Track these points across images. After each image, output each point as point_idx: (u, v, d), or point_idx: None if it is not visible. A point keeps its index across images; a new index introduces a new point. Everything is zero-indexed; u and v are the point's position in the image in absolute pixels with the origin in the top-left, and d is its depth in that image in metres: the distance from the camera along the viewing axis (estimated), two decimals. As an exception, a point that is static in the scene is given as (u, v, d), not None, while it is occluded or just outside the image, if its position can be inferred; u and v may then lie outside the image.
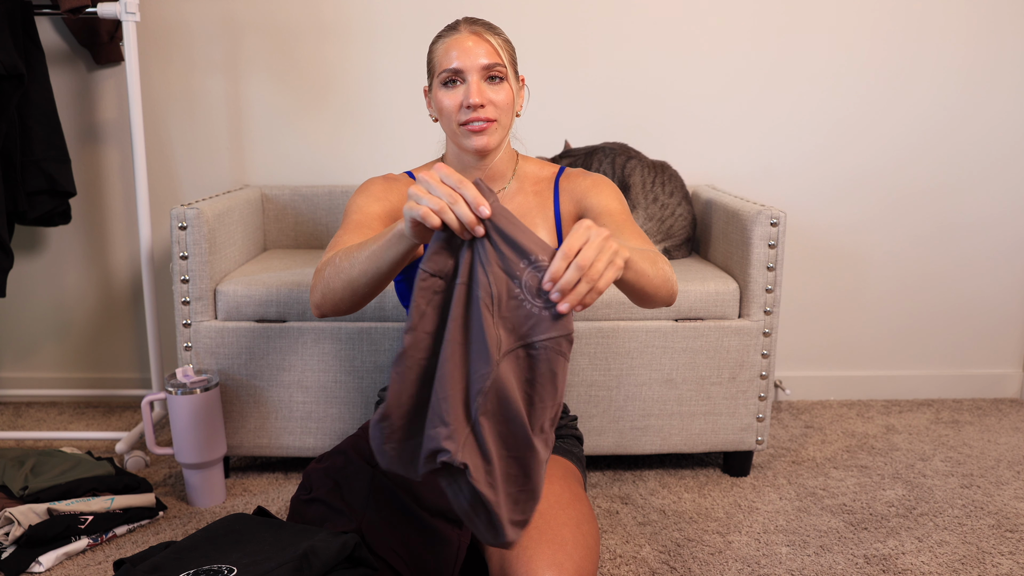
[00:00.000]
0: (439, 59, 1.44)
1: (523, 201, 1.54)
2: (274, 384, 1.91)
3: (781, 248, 1.92)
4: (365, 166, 2.44)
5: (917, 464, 2.11)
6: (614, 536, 1.74)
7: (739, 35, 2.40)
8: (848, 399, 2.60)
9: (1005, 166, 2.49)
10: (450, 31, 1.45)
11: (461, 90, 1.42)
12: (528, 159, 1.60)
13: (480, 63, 1.41)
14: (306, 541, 1.22)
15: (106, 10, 1.99)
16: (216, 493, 1.88)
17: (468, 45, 1.41)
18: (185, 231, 1.86)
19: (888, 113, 2.45)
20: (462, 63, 1.41)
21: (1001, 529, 1.78)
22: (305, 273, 1.98)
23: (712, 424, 1.98)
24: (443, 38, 1.45)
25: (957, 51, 2.42)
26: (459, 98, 1.42)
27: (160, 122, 2.41)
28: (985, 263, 2.55)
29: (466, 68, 1.41)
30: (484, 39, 1.43)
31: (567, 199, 1.54)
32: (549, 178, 1.57)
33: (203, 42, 2.37)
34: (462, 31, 1.44)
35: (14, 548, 1.61)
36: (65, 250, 2.48)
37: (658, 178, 2.20)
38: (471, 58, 1.41)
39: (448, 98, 1.43)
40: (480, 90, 1.41)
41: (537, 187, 1.56)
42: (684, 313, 1.93)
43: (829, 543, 1.72)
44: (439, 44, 1.45)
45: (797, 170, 2.48)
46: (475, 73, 1.41)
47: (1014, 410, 2.52)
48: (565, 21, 2.39)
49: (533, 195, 1.55)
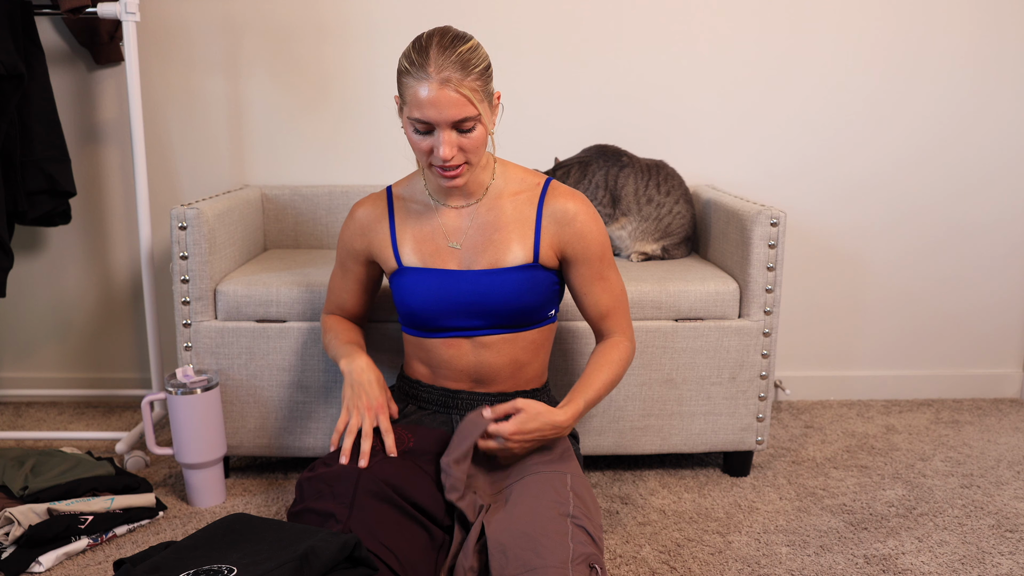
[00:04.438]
0: (408, 98, 1.38)
1: (500, 212, 1.53)
2: (274, 384, 1.91)
3: (781, 248, 1.92)
4: (365, 166, 2.44)
5: (917, 464, 2.11)
6: (614, 536, 1.74)
7: (741, 36, 2.40)
8: (848, 399, 2.60)
9: (1006, 168, 2.49)
10: (417, 69, 1.36)
11: (431, 139, 1.39)
12: (510, 166, 1.58)
13: (449, 118, 1.36)
14: (306, 541, 1.22)
15: (106, 10, 1.99)
16: (216, 493, 1.88)
17: (438, 99, 1.35)
18: (185, 231, 1.86)
19: (890, 116, 2.45)
20: (432, 118, 1.36)
21: (1001, 529, 1.78)
22: (305, 273, 1.98)
23: (712, 424, 1.97)
24: (407, 74, 1.38)
25: (960, 55, 2.41)
26: (428, 145, 1.40)
27: (160, 122, 2.41)
28: (985, 263, 2.55)
29: (436, 122, 1.37)
30: (454, 92, 1.34)
31: (551, 221, 1.52)
32: (534, 187, 1.55)
33: (203, 42, 2.37)
34: (430, 76, 1.34)
35: (14, 548, 1.61)
36: (65, 250, 2.48)
37: (652, 179, 2.20)
38: (440, 113, 1.35)
39: (417, 142, 1.41)
40: (450, 143, 1.38)
41: (517, 196, 1.54)
42: (684, 313, 1.93)
43: (829, 543, 1.72)
44: (405, 78, 1.38)
45: (797, 171, 2.48)
46: (445, 126, 1.37)
47: (1014, 410, 2.52)
48: (565, 21, 2.39)
49: (512, 206, 1.53)
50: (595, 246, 1.54)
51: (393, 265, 1.56)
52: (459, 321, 1.52)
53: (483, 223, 1.53)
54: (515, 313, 1.52)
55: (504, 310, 1.51)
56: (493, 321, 1.52)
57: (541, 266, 1.53)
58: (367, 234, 1.59)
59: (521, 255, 1.51)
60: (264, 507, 1.87)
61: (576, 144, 2.35)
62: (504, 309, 1.51)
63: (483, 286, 1.50)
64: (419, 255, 1.54)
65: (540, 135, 2.41)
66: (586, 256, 1.54)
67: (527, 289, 1.51)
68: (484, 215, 1.53)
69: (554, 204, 1.53)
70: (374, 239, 1.58)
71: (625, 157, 2.21)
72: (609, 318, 1.59)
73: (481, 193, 1.54)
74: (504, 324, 1.53)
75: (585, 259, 1.54)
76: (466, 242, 1.53)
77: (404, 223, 1.56)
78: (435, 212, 1.55)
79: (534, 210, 1.53)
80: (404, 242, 1.55)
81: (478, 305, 1.50)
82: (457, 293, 1.50)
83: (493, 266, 1.51)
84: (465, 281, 1.51)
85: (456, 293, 1.50)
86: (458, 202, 1.54)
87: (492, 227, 1.53)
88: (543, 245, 1.52)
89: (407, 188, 1.60)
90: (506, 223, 1.52)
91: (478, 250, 1.52)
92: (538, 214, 1.52)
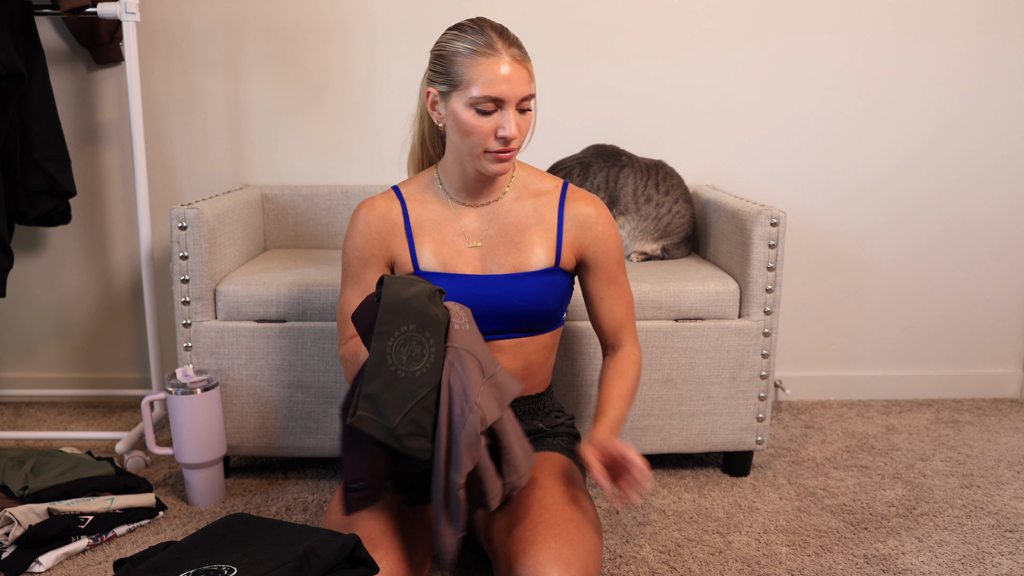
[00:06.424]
0: (470, 76, 1.36)
1: (521, 213, 1.52)
2: (274, 384, 1.91)
3: (781, 248, 1.92)
4: (365, 166, 2.44)
5: (917, 464, 2.11)
6: (614, 536, 1.74)
7: (741, 37, 2.40)
8: (848, 399, 2.60)
9: (1006, 166, 2.49)
10: (485, 48, 1.36)
11: (494, 118, 1.37)
12: (525, 166, 1.58)
13: (520, 94, 1.36)
14: (306, 541, 1.22)
15: (106, 10, 1.99)
16: (216, 493, 1.88)
17: (511, 75, 1.35)
18: (185, 231, 1.86)
19: (889, 114, 2.45)
20: (503, 94, 1.35)
21: (1001, 529, 1.78)
22: (305, 273, 1.98)
23: (712, 424, 1.97)
24: (475, 53, 1.36)
25: (959, 51, 2.42)
26: (492, 126, 1.37)
27: (160, 122, 2.41)
28: (985, 263, 2.55)
29: (507, 99, 1.35)
30: (523, 66, 1.37)
31: (572, 224, 1.52)
32: (552, 192, 1.54)
33: (203, 42, 2.37)
34: (501, 53, 1.36)
35: (14, 548, 1.61)
36: (65, 250, 2.48)
37: (651, 179, 2.20)
38: (513, 89, 1.35)
39: (480, 124, 1.37)
40: (517, 123, 1.37)
41: (538, 200, 1.53)
42: (684, 313, 1.93)
43: (829, 543, 1.72)
44: (470, 59, 1.36)
45: (797, 171, 2.48)
46: (513, 104, 1.36)
47: (1014, 410, 2.52)
48: (564, 20, 2.39)
49: (532, 208, 1.52)
50: (614, 251, 1.54)
51: (408, 269, 1.52)
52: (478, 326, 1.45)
53: (504, 223, 1.51)
54: (535, 317, 1.50)
55: (525, 314, 1.49)
56: (511, 325, 1.50)
57: (561, 270, 1.52)
58: (384, 237, 1.52)
59: (544, 258, 1.50)
60: (264, 507, 1.87)
61: (576, 143, 2.35)
62: (525, 313, 1.49)
63: (506, 290, 1.48)
64: (438, 258, 1.50)
65: (540, 135, 2.40)
66: (605, 260, 1.54)
67: (548, 293, 1.50)
68: (504, 215, 1.51)
69: (575, 207, 1.52)
70: (392, 242, 1.52)
71: (624, 157, 2.21)
72: (624, 328, 1.58)
73: (502, 191, 1.52)
74: (521, 328, 1.51)
75: (604, 263, 1.54)
76: (486, 242, 1.51)
77: (420, 225, 1.52)
78: (452, 212, 1.52)
79: (555, 213, 1.52)
80: (422, 244, 1.51)
81: (499, 310, 1.48)
82: (476, 299, 1.46)
83: (516, 269, 1.49)
84: (487, 286, 1.48)
85: (476, 299, 1.46)
86: (482, 199, 1.51)
87: (514, 228, 1.51)
88: (565, 248, 1.51)
89: (417, 188, 1.55)
90: (528, 225, 1.51)
91: (500, 252, 1.50)
92: (559, 217, 1.51)
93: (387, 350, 1.21)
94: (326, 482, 1.99)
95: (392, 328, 1.21)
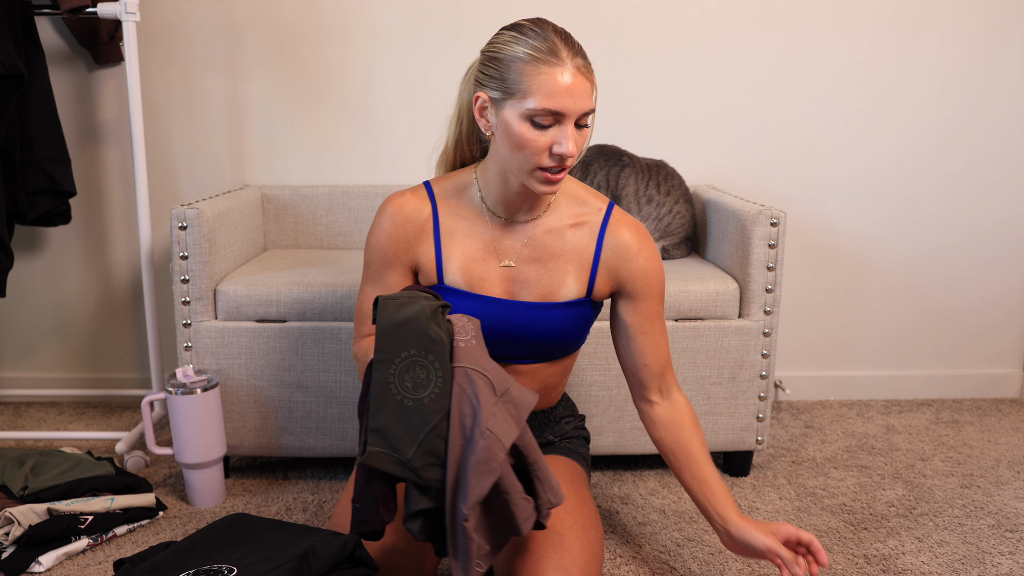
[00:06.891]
0: (529, 85, 1.24)
1: (559, 236, 1.41)
2: (274, 384, 1.91)
3: (781, 248, 1.92)
4: (365, 166, 2.44)
5: (917, 464, 2.11)
6: (614, 536, 1.74)
7: (741, 37, 2.40)
8: (848, 399, 2.60)
9: (1006, 166, 2.49)
10: (548, 55, 1.24)
11: (551, 133, 1.25)
12: (570, 180, 1.46)
13: (582, 109, 1.25)
14: (306, 541, 1.22)
15: (106, 10, 1.99)
16: (216, 493, 1.88)
17: (575, 87, 1.24)
18: (185, 231, 1.86)
19: (889, 115, 2.45)
20: (565, 107, 1.23)
21: (1001, 529, 1.78)
22: (305, 273, 1.98)
23: (712, 424, 1.97)
24: (536, 61, 1.24)
25: (959, 51, 2.42)
26: (548, 141, 1.25)
27: (160, 122, 2.41)
28: (985, 263, 2.55)
29: (568, 113, 1.24)
30: (587, 78, 1.25)
31: (611, 255, 1.41)
32: (596, 211, 1.43)
33: (203, 42, 2.37)
34: (565, 62, 1.24)
35: (14, 548, 1.61)
36: (65, 250, 2.48)
37: (652, 179, 2.20)
38: (575, 103, 1.24)
39: (535, 138, 1.25)
40: (575, 140, 1.26)
41: (578, 222, 1.42)
42: (684, 313, 1.93)
43: (829, 543, 1.72)
44: (531, 67, 1.24)
45: (797, 171, 2.48)
46: (573, 118, 1.25)
47: (1014, 410, 2.52)
48: (564, 20, 2.38)
49: (571, 231, 1.41)
50: (656, 284, 1.44)
51: (432, 279, 1.41)
52: (497, 350, 1.38)
53: (539, 245, 1.41)
54: (558, 346, 1.44)
55: (548, 343, 1.42)
56: (531, 352, 1.43)
57: (591, 301, 1.44)
58: (410, 240, 1.41)
59: (575, 289, 1.41)
60: (264, 507, 1.87)
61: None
62: (548, 342, 1.42)
63: (531, 319, 1.39)
64: (465, 276, 1.40)
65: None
66: (647, 294, 1.43)
67: (575, 324, 1.43)
68: (541, 236, 1.41)
69: (616, 236, 1.41)
70: (418, 247, 1.41)
71: (625, 157, 2.21)
72: (669, 370, 1.47)
73: (543, 208, 1.41)
74: (542, 356, 1.45)
75: (646, 297, 1.43)
76: (518, 263, 1.40)
77: (451, 234, 1.41)
78: (486, 225, 1.41)
79: (594, 240, 1.41)
80: (450, 256, 1.40)
81: (521, 338, 1.40)
82: (500, 324, 1.38)
83: (544, 298, 1.40)
84: (513, 312, 1.39)
85: (499, 324, 1.38)
86: (521, 216, 1.41)
87: (548, 253, 1.41)
88: (599, 279, 1.42)
89: (451, 190, 1.43)
90: (563, 251, 1.40)
91: (531, 276, 1.41)
92: (598, 244, 1.41)
93: (390, 379, 1.15)
94: (326, 482, 1.99)
95: (392, 356, 1.15)
